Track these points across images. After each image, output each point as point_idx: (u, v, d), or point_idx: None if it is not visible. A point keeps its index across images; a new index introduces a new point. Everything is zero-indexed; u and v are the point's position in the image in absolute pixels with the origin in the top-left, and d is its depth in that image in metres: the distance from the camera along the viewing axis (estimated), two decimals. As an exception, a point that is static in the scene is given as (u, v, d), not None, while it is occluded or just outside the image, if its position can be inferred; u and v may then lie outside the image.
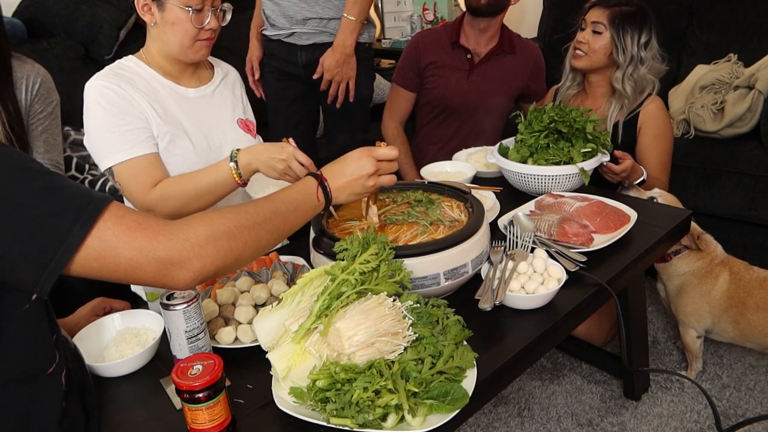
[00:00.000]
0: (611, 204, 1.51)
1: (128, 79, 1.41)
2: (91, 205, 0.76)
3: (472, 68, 2.24)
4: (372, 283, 1.01)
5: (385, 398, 0.88)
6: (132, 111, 1.38)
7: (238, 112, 1.60)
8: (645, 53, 1.87)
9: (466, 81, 2.23)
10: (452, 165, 1.87)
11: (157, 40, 1.44)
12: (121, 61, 1.47)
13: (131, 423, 1.00)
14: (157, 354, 1.16)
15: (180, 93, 1.49)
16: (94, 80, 1.39)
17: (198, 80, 1.54)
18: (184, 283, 0.83)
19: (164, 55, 1.46)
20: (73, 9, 2.47)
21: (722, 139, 2.36)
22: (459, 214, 1.30)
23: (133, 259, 0.78)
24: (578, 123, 1.66)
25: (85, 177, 2.02)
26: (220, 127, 1.54)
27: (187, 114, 1.48)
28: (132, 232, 0.78)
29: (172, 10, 1.36)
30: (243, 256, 0.90)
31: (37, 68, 1.59)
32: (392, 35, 3.77)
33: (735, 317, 1.69)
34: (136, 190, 1.38)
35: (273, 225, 0.95)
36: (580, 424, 1.75)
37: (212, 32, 1.42)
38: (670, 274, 1.79)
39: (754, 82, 2.29)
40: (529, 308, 1.20)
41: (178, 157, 1.44)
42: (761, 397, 1.79)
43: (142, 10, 1.39)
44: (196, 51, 1.43)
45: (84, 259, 0.75)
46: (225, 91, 1.59)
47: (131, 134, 1.37)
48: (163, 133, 1.42)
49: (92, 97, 1.38)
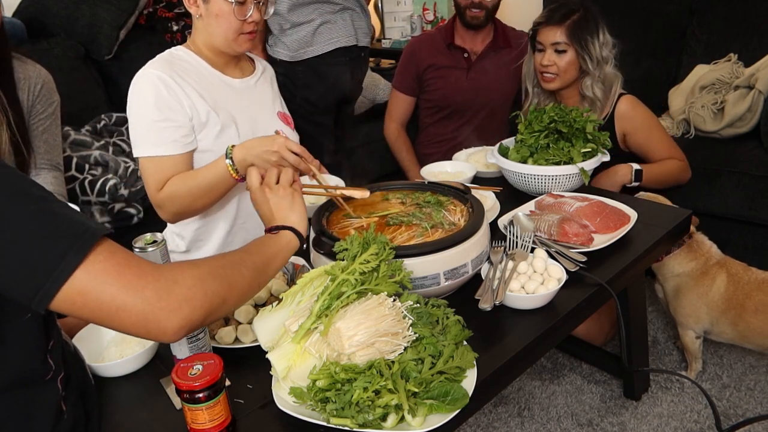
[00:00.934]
0: (611, 204, 1.51)
1: (181, 68, 1.44)
2: (87, 234, 0.73)
3: (469, 66, 2.26)
4: (372, 283, 1.01)
5: (385, 398, 0.88)
6: (175, 107, 1.40)
7: (278, 106, 1.65)
8: (606, 52, 1.87)
9: (465, 79, 2.25)
10: (452, 165, 1.88)
11: (202, 32, 1.47)
12: (172, 50, 1.50)
13: (131, 423, 1.01)
14: (157, 354, 1.16)
15: (226, 82, 1.52)
16: (148, 68, 1.42)
17: (241, 72, 1.58)
18: (172, 331, 0.77)
19: (209, 47, 1.49)
20: (73, 9, 2.47)
21: (722, 139, 2.36)
22: (459, 218, 1.29)
23: (118, 298, 0.73)
24: (578, 123, 1.66)
25: (85, 177, 2.02)
26: (265, 118, 1.58)
27: (234, 104, 1.51)
28: (122, 269, 0.74)
29: (216, 2, 1.39)
30: (230, 299, 0.86)
31: (38, 69, 1.59)
32: (392, 35, 3.77)
33: (733, 319, 1.69)
34: (150, 187, 1.42)
35: (251, 261, 0.93)
36: (580, 424, 1.75)
37: (255, 25, 1.45)
38: (665, 274, 1.79)
39: (755, 82, 2.29)
40: (529, 308, 1.20)
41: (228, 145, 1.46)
42: (761, 397, 1.79)
43: (188, 2, 1.43)
44: (240, 44, 1.45)
45: (68, 292, 0.71)
46: (265, 84, 1.64)
47: (165, 131, 1.39)
48: (213, 122, 1.45)
49: (141, 84, 1.40)
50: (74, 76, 2.39)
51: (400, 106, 2.40)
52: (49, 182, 1.60)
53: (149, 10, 2.64)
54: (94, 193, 1.99)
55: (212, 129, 1.45)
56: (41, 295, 0.70)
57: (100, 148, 2.16)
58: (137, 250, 1.20)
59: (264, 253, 0.98)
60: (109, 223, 2.00)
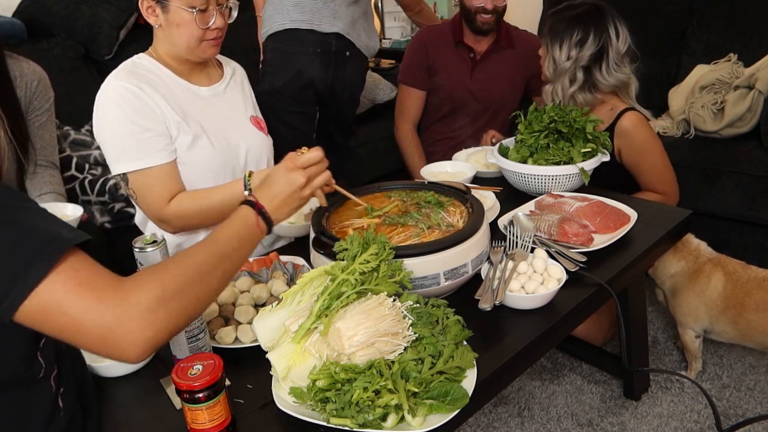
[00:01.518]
0: (611, 204, 1.51)
1: (147, 79, 1.39)
2: (51, 246, 0.70)
3: (474, 66, 2.26)
4: (372, 283, 1.01)
5: (385, 398, 0.88)
6: (151, 116, 1.36)
7: (250, 110, 1.60)
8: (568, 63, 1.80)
9: (470, 79, 2.24)
10: (452, 165, 1.87)
11: (163, 41, 1.42)
12: (135, 60, 1.44)
13: (131, 423, 1.01)
14: (157, 354, 1.15)
15: (193, 92, 1.47)
16: (113, 80, 1.37)
17: (208, 78, 1.52)
18: (134, 356, 0.74)
19: (172, 56, 1.44)
20: (73, 9, 2.47)
21: (722, 139, 2.36)
22: (458, 220, 1.29)
23: (78, 321, 0.71)
24: (578, 123, 1.66)
25: (85, 177, 2.02)
26: (236, 125, 1.53)
27: (203, 113, 1.47)
28: (82, 290, 0.71)
29: (176, 11, 1.34)
30: (194, 313, 0.84)
31: (33, 66, 1.59)
32: (392, 35, 3.77)
33: (733, 318, 1.68)
34: (152, 202, 1.38)
35: (221, 270, 0.88)
36: (580, 424, 1.75)
37: (219, 31, 1.41)
38: (661, 278, 1.79)
39: (754, 82, 2.29)
40: (529, 308, 1.20)
41: (200, 156, 1.44)
42: (761, 397, 1.79)
43: (146, 12, 1.38)
44: (204, 50, 1.41)
45: (30, 307, 0.69)
46: (235, 89, 1.58)
47: (149, 141, 1.35)
48: (184, 133, 1.41)
49: (111, 97, 1.36)
50: (74, 76, 2.39)
51: (413, 103, 2.33)
52: (47, 180, 1.60)
53: (149, 10, 2.65)
54: (94, 193, 1.99)
55: (184, 140, 1.41)
56: (5, 307, 0.69)
57: (100, 148, 2.16)
58: (137, 250, 1.20)
59: (224, 238, 0.93)
60: (109, 222, 2.00)
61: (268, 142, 1.62)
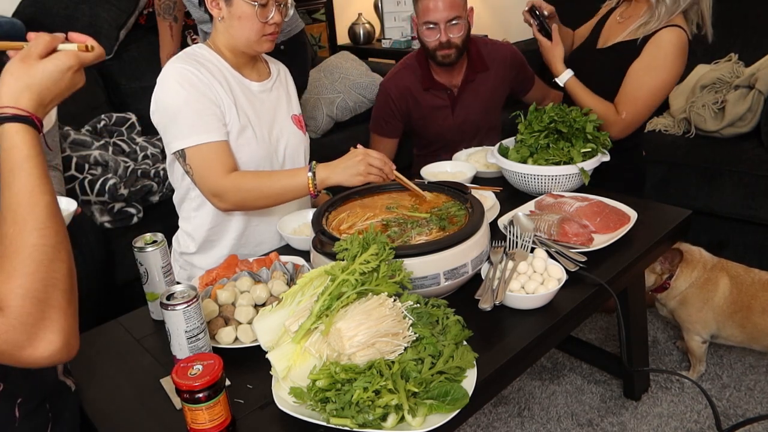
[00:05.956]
0: (611, 204, 1.51)
1: (205, 66, 1.45)
2: None
3: (454, 103, 2.15)
4: (372, 284, 1.01)
5: (385, 398, 0.88)
6: (210, 96, 1.43)
7: (292, 108, 1.67)
8: None
9: (452, 116, 2.17)
10: (452, 165, 1.87)
11: (223, 33, 1.49)
12: (194, 48, 1.51)
13: (131, 423, 1.00)
14: (157, 354, 1.16)
15: (246, 85, 1.54)
16: (175, 63, 1.44)
17: (258, 75, 1.59)
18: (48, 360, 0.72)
19: (230, 48, 1.51)
20: (73, 9, 2.47)
21: (723, 139, 2.37)
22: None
23: None
24: (578, 123, 1.66)
25: (84, 177, 2.02)
26: (278, 121, 1.60)
27: (252, 106, 1.53)
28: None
29: (239, 4, 1.41)
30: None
31: None
32: (392, 35, 3.77)
33: (741, 321, 1.69)
34: (210, 175, 1.41)
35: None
36: (580, 424, 1.75)
37: (276, 26, 1.46)
38: (671, 295, 1.79)
39: (755, 82, 2.29)
40: (529, 308, 1.20)
41: (245, 147, 1.50)
42: (761, 397, 1.79)
43: (211, 5, 1.44)
44: (261, 44, 1.47)
45: None
46: (281, 88, 1.65)
47: (208, 119, 1.41)
48: (234, 121, 1.47)
49: (173, 76, 1.42)
50: (74, 75, 2.39)
51: (384, 149, 2.21)
52: None
53: (149, 10, 2.64)
54: (93, 193, 1.99)
55: (232, 127, 1.47)
56: None
57: (100, 148, 2.16)
58: (137, 250, 1.20)
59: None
60: (109, 222, 2.00)
61: (306, 140, 1.68)
